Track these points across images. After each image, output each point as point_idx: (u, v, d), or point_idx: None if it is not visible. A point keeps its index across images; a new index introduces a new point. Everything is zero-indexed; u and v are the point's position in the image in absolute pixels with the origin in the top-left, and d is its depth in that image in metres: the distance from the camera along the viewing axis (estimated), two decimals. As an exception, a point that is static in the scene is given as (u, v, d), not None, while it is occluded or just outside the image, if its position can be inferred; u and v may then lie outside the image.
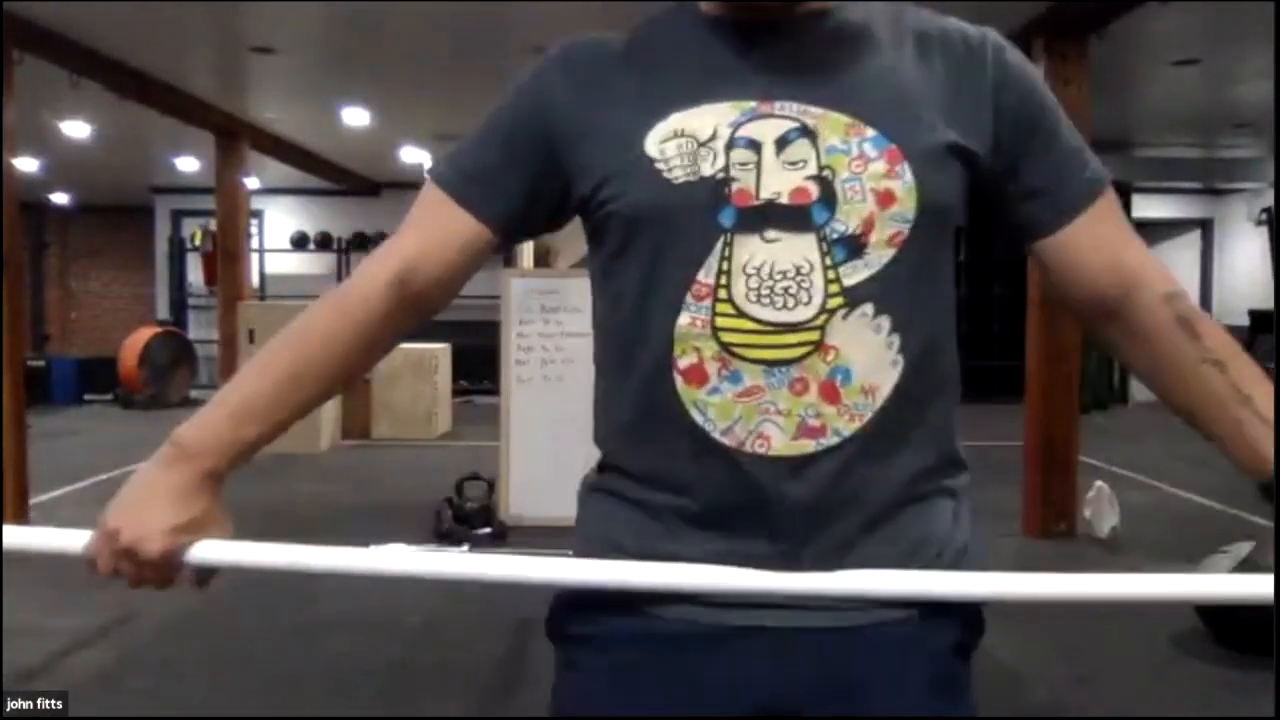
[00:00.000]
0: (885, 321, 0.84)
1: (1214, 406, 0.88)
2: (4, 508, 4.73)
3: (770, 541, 0.85)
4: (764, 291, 0.83)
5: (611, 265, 0.90)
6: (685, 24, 0.92)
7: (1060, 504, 4.90)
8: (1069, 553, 4.67)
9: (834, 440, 0.84)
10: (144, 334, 10.30)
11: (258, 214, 10.71)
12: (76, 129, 7.69)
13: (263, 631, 3.57)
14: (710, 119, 0.85)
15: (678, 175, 0.85)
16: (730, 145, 0.84)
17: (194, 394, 10.64)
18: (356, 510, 5.34)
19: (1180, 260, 11.30)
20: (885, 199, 0.84)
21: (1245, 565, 3.33)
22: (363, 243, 11.33)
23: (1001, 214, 0.93)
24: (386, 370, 8.01)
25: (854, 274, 0.83)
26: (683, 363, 0.85)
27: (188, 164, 9.63)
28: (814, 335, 0.83)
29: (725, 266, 0.84)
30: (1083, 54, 4.79)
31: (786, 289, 0.83)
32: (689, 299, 0.84)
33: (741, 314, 0.83)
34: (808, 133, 0.85)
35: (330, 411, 7.68)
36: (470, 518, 4.61)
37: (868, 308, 0.84)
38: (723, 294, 0.84)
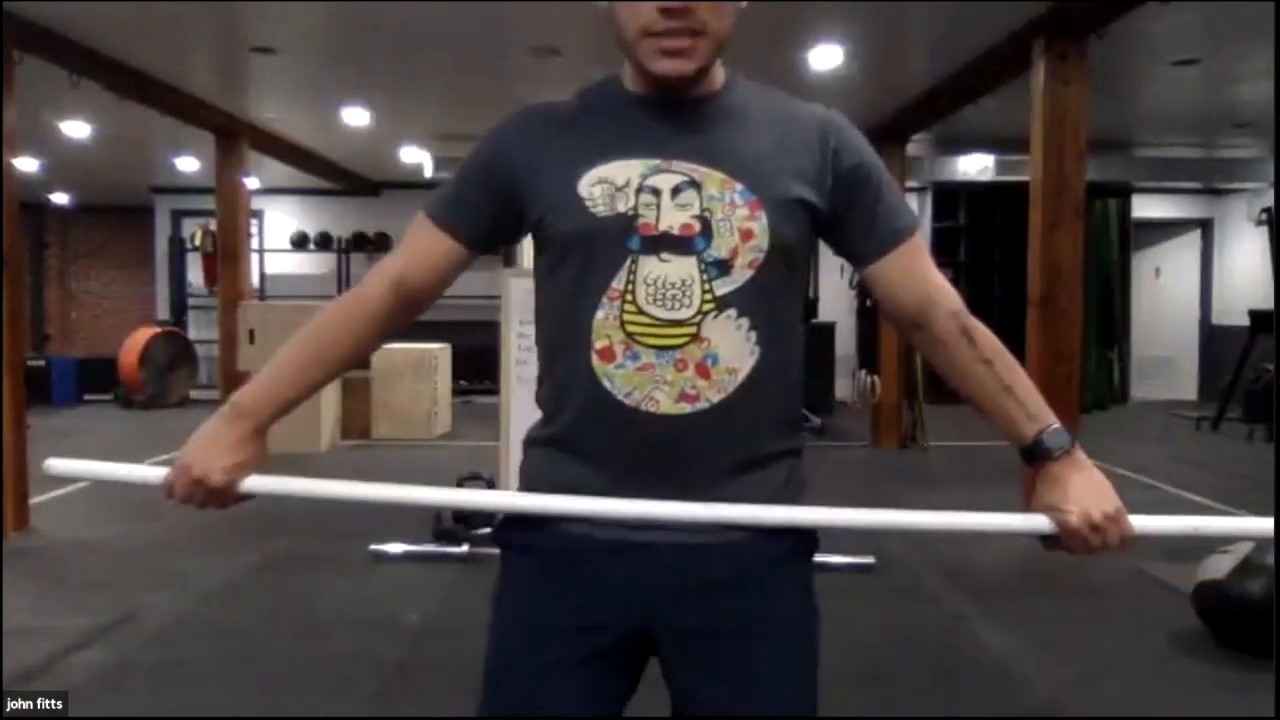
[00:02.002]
0: (745, 321, 1.16)
1: (986, 396, 1.22)
2: (4, 507, 4.74)
3: (658, 476, 1.16)
4: (658, 297, 1.14)
5: (551, 273, 1.21)
6: (611, 96, 1.22)
7: (1060, 504, 4.89)
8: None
9: (705, 405, 1.15)
10: (144, 334, 10.30)
11: (258, 214, 10.69)
12: (76, 129, 7.68)
13: (263, 631, 3.57)
14: (625, 171, 1.16)
15: (600, 210, 1.15)
16: (639, 191, 1.15)
17: (194, 394, 10.64)
18: (356, 510, 5.33)
19: (1180, 260, 11.29)
20: (746, 235, 1.15)
21: (1246, 564, 3.33)
22: (362, 243, 11.31)
23: (840, 245, 1.26)
24: (386, 370, 8.02)
25: (723, 287, 1.15)
26: (598, 345, 1.15)
27: (188, 164, 9.62)
28: (692, 329, 1.14)
29: (631, 278, 1.14)
30: (1083, 54, 4.79)
31: (674, 295, 1.14)
32: (604, 300, 1.15)
33: (641, 312, 1.14)
34: (695, 184, 1.15)
35: (330, 411, 7.68)
36: (470, 517, 4.61)
37: (732, 311, 1.15)
38: (629, 297, 1.14)
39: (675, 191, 1.15)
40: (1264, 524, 1.20)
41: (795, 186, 1.18)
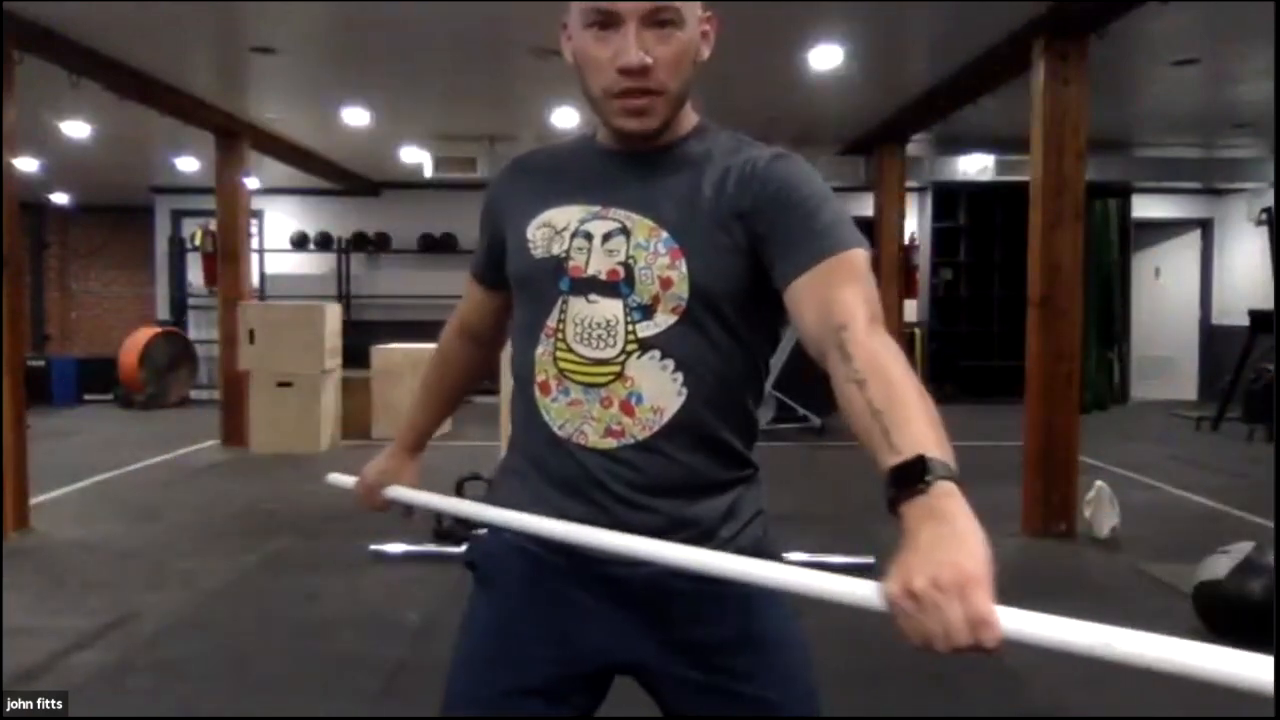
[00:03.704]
0: (670, 364, 1.18)
1: (855, 420, 0.98)
2: (4, 508, 4.73)
3: (589, 503, 1.20)
4: (585, 336, 1.19)
5: (515, 309, 1.32)
6: (582, 147, 1.30)
7: (1060, 504, 4.90)
8: (1069, 552, 4.67)
9: (630, 441, 1.19)
10: (144, 334, 10.30)
11: (258, 214, 10.68)
12: (76, 129, 7.68)
13: (263, 631, 3.57)
14: (565, 216, 1.23)
15: (539, 253, 1.23)
16: (574, 235, 1.21)
17: (194, 394, 10.64)
18: (357, 510, 5.33)
19: (1180, 260, 11.29)
20: (665, 283, 1.17)
21: (1245, 565, 3.33)
22: (362, 243, 11.31)
23: (770, 273, 1.17)
24: (386, 370, 8.02)
25: (645, 330, 1.18)
26: (539, 379, 1.23)
27: (188, 164, 9.61)
28: (616, 369, 1.18)
29: (562, 317, 1.21)
30: (1083, 54, 4.79)
31: (599, 335, 1.19)
32: (543, 337, 1.22)
33: (570, 350, 1.20)
34: (625, 231, 1.19)
35: (330, 412, 7.69)
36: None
37: (655, 353, 1.18)
38: (560, 335, 1.21)
39: (606, 238, 1.20)
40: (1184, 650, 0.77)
41: (729, 232, 1.17)
